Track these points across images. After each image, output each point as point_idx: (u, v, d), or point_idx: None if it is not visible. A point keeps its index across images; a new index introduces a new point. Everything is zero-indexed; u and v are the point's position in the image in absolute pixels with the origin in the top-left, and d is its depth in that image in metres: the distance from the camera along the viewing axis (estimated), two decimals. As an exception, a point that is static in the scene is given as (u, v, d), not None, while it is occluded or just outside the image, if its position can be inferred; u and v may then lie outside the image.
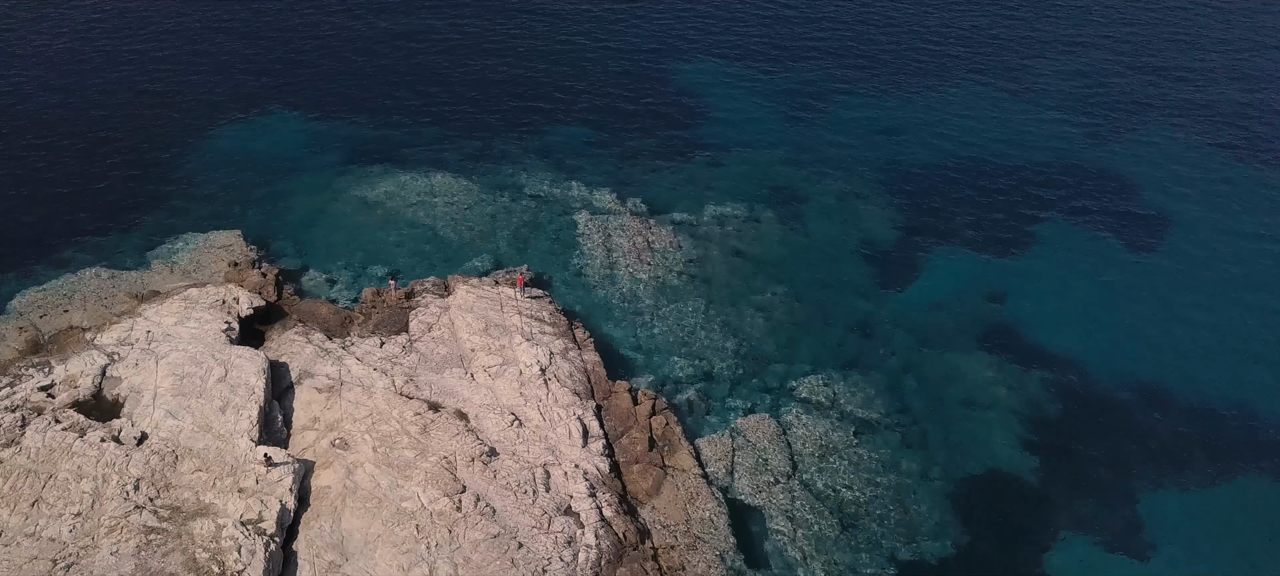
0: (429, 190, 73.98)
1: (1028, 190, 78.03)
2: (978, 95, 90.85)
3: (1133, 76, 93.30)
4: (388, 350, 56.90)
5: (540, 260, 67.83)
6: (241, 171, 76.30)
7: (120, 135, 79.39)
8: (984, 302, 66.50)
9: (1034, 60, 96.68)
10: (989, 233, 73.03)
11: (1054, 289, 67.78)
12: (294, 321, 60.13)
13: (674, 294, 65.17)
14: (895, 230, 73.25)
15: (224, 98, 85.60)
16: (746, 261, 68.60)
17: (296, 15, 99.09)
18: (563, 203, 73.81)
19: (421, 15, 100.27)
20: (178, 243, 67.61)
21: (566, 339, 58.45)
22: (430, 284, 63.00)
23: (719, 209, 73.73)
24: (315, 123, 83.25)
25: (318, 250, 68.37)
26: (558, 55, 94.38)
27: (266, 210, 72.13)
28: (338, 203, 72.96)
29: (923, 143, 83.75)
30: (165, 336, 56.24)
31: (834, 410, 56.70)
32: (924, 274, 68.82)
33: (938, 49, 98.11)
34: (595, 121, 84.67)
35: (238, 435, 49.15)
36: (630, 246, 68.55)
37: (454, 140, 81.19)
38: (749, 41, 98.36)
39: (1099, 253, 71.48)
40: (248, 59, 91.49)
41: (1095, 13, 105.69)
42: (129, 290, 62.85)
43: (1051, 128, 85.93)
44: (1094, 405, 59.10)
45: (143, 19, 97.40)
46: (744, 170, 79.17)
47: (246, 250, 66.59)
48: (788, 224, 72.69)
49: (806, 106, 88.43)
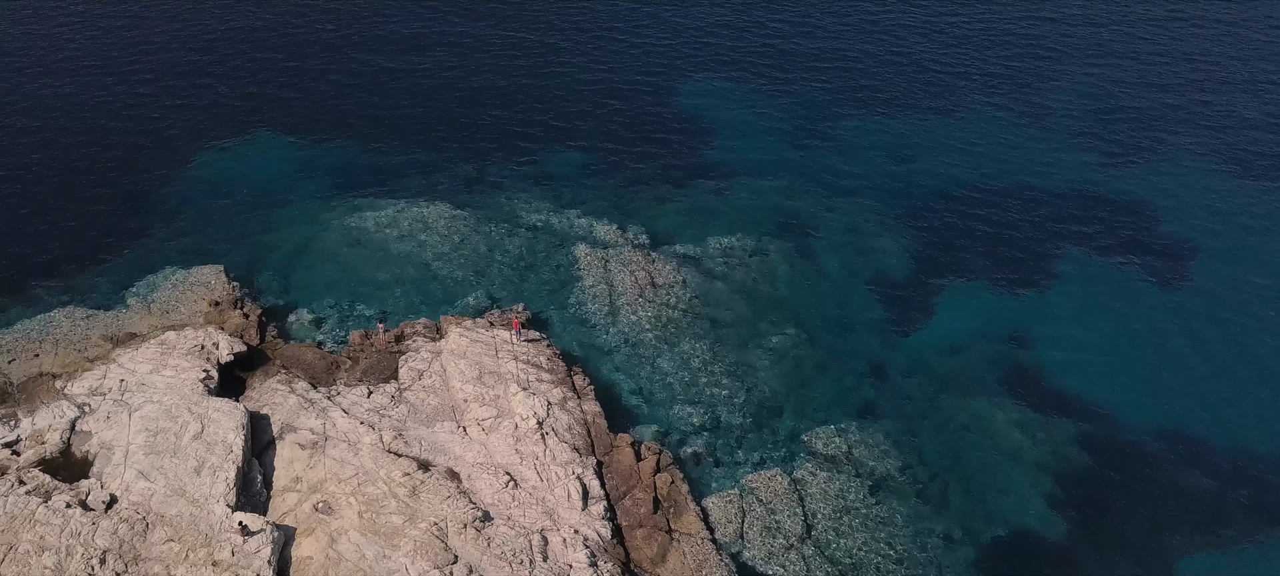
0: (421, 220, 70.71)
1: (1044, 219, 74.89)
2: (989, 118, 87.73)
3: (1149, 98, 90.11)
4: (376, 400, 53.62)
5: (537, 297, 64.64)
6: (226, 200, 73.04)
7: (99, 163, 76.09)
8: (1003, 343, 63.33)
9: (1047, 82, 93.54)
10: (1005, 266, 69.88)
11: (1076, 328, 64.62)
12: (277, 367, 56.86)
13: (678, 334, 61.96)
14: (909, 263, 70.09)
15: (209, 121, 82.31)
16: (754, 298, 65.37)
17: (285, 36, 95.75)
18: (561, 234, 70.61)
19: (416, 37, 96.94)
20: (157, 279, 64.35)
21: (565, 387, 55.19)
22: (421, 326, 59.72)
23: (724, 240, 70.54)
24: (304, 148, 80.00)
25: (304, 286, 65.12)
26: (555, 77, 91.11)
27: (251, 242, 68.87)
28: (325, 234, 69.70)
29: (934, 168, 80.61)
30: (140, 386, 53.00)
31: (849, 464, 53.47)
32: (940, 312, 65.66)
33: (947, 69, 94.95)
34: (594, 146, 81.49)
35: (213, 500, 45.83)
36: (632, 282, 65.33)
37: (448, 166, 77.96)
38: (752, 61, 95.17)
39: (1122, 288, 68.32)
40: (235, 81, 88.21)
41: (1109, 31, 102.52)
42: (104, 332, 59.57)
43: (1067, 152, 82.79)
44: (1124, 456, 55.95)
45: (123, 39, 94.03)
46: (749, 198, 75.99)
47: (228, 288, 63.30)
48: (797, 257, 69.50)
49: (813, 129, 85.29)
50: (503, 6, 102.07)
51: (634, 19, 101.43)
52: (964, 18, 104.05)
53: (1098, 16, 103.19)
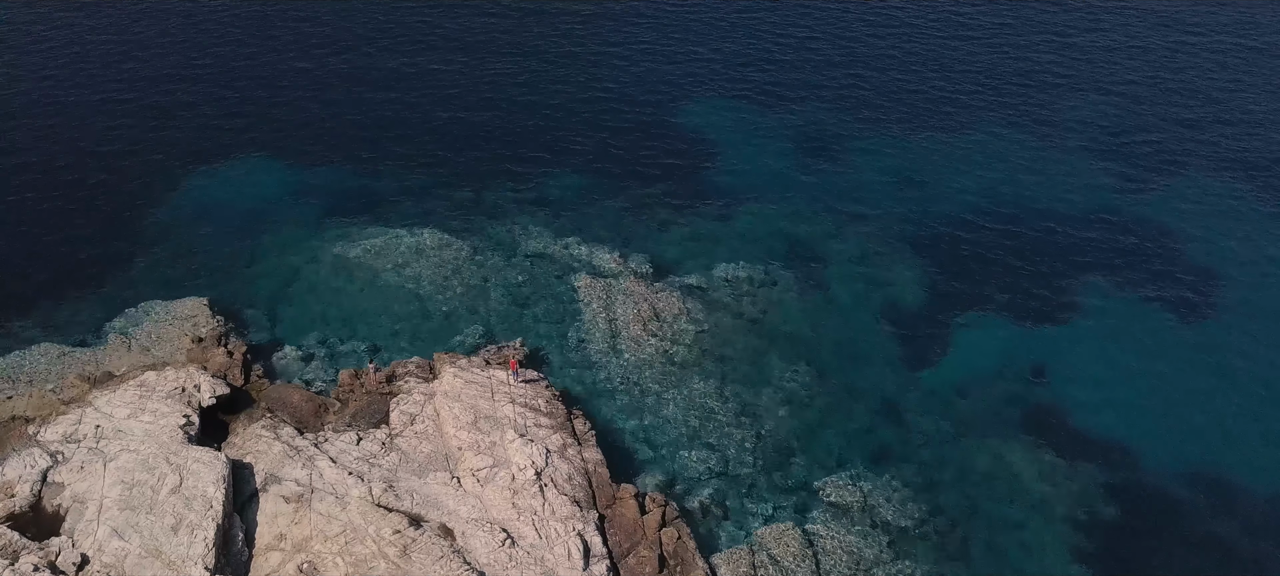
0: (415, 248, 67.95)
1: (1062, 246, 72.14)
2: (1003, 138, 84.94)
3: (1168, 120, 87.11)
4: (366, 447, 50.85)
5: (536, 331, 61.92)
6: (212, 227, 70.27)
7: (82, 188, 73.31)
8: (1023, 381, 60.59)
9: (1062, 102, 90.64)
10: (1023, 297, 67.13)
11: (1099, 364, 61.89)
12: (262, 410, 54.07)
13: (684, 371, 59.22)
14: (922, 293, 67.35)
15: (197, 143, 79.47)
16: (762, 332, 62.64)
17: (276, 54, 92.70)
18: (560, 262, 67.87)
19: (410, 54, 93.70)
20: (138, 312, 61.62)
21: (565, 432, 52.39)
22: (414, 365, 56.94)
23: (730, 269, 67.77)
24: (294, 170, 77.19)
25: (292, 320, 62.40)
26: (554, 97, 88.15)
27: (237, 273, 66.16)
28: (315, 263, 66.94)
29: (947, 192, 77.84)
30: (117, 432, 50.23)
31: (865, 515, 50.73)
32: (956, 346, 62.91)
33: (958, 88, 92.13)
34: (595, 168, 78.70)
35: (191, 561, 43.08)
36: (635, 315, 62.57)
37: (443, 190, 75.15)
38: (756, 78, 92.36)
39: (1145, 320, 65.59)
40: (223, 100, 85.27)
41: (1125, 49, 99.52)
42: (81, 371, 56.86)
43: (1084, 176, 79.94)
44: (1153, 504, 53.22)
45: (108, 56, 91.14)
46: (756, 224, 73.24)
47: (212, 322, 60.54)
48: (806, 287, 66.73)
49: (820, 150, 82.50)
50: (500, 25, 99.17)
51: (634, 36, 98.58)
52: (975, 35, 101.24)
53: (1114, 36, 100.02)
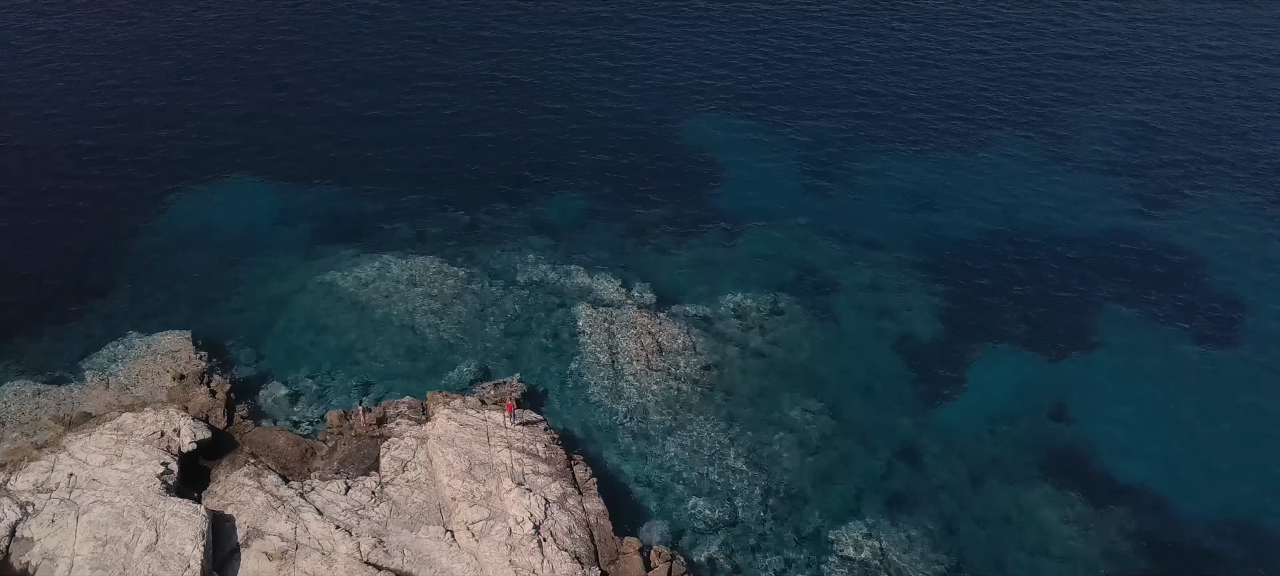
0: (409, 276, 65.23)
1: (1081, 272, 69.35)
2: (1016, 154, 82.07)
3: (1188, 138, 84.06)
4: (354, 497, 48.10)
5: (534, 367, 59.23)
6: (197, 253, 67.64)
7: (62, 212, 70.68)
8: (1044, 419, 57.85)
9: (1077, 112, 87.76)
10: (1042, 327, 64.38)
11: (1123, 402, 59.09)
12: (245, 456, 51.35)
13: (689, 410, 56.51)
14: (937, 324, 64.62)
15: (183, 163, 76.76)
16: (772, 367, 59.89)
17: (265, 69, 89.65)
18: (559, 291, 65.16)
19: (404, 72, 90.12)
20: (117, 347, 59.05)
21: (564, 480, 49.64)
22: (406, 406, 54.18)
23: (737, 298, 65.03)
24: (284, 191, 74.48)
25: (279, 355, 59.72)
26: (554, 114, 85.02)
27: (223, 303, 63.60)
28: (304, 293, 64.24)
29: (959, 212, 75.04)
30: (91, 481, 47.58)
31: (882, 570, 47.96)
32: (973, 381, 60.18)
33: (970, 104, 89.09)
34: (595, 189, 75.90)
35: (165, 629, 40.33)
36: (637, 348, 59.84)
37: (438, 212, 72.41)
38: (762, 94, 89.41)
39: (1169, 353, 62.79)
40: (208, 118, 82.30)
41: (1142, 57, 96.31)
42: (56, 411, 54.21)
43: (1103, 198, 77.01)
44: (1184, 554, 50.54)
45: (90, 72, 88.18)
46: (762, 248, 70.47)
47: (195, 358, 57.85)
48: (816, 317, 63.99)
49: (827, 167, 79.69)
50: (495, 39, 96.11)
51: (636, 50, 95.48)
52: (986, 51, 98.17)
53: (1130, 54, 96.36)
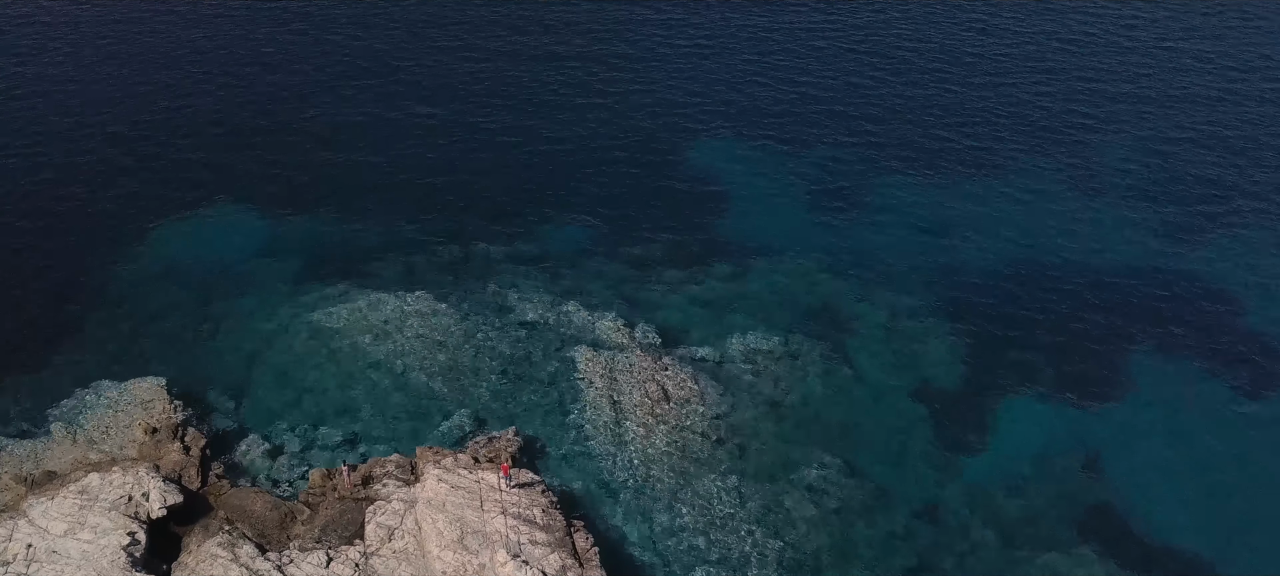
0: (399, 316, 61.61)
1: (1108, 310, 65.76)
2: (1034, 181, 78.43)
3: (1215, 165, 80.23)
4: (336, 570, 44.49)
5: (531, 417, 55.70)
6: (176, 289, 64.18)
7: (34, 244, 67.16)
8: (1076, 475, 54.32)
9: (1097, 135, 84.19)
10: (1069, 372, 60.78)
11: (1159, 454, 55.58)
12: (220, 522, 47.68)
13: (698, 466, 52.91)
14: (958, 367, 61.08)
15: (164, 189, 73.14)
16: (784, 417, 56.33)
17: (252, 91, 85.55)
18: (558, 331, 61.58)
19: (394, 95, 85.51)
20: (87, 396, 55.48)
21: (564, 550, 45.96)
22: (393, 465, 50.50)
23: (747, 340, 61.45)
24: (268, 222, 70.89)
25: (260, 404, 56.18)
26: (552, 140, 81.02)
27: (202, 345, 60.09)
28: (288, 334, 60.66)
29: (978, 244, 71.49)
30: (50, 553, 44.10)
31: (908, 649, 44.41)
32: (999, 432, 56.64)
33: (987, 125, 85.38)
34: (595, 219, 72.28)
35: None
36: (642, 397, 56.26)
37: (431, 245, 68.78)
38: (769, 116, 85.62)
39: (1207, 398, 59.25)
40: (191, 144, 78.31)
41: (1167, 80, 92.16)
42: (17, 470, 50.65)
43: (1129, 226, 73.33)
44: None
45: (67, 90, 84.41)
46: (772, 283, 66.93)
47: (170, 409, 54.16)
48: (830, 361, 60.36)
49: (840, 197, 76.06)
50: (490, 59, 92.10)
51: (638, 71, 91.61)
52: (1004, 74, 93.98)
53: (1154, 78, 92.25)
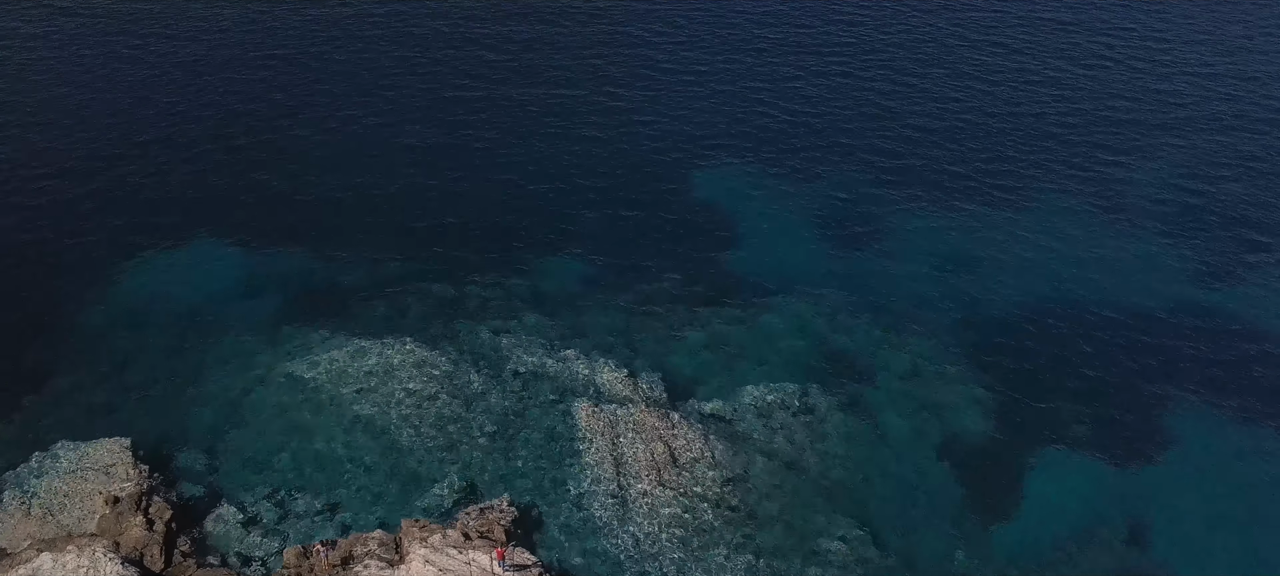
0: (385, 367, 57.45)
1: (1144, 355, 61.61)
2: (1060, 211, 74.16)
3: (1248, 197, 75.88)
4: (310, 668, 40.17)
5: (526, 482, 51.65)
6: (148, 333, 60.38)
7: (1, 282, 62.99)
8: (1119, 544, 50.25)
9: (1125, 161, 79.80)
10: (1105, 425, 56.70)
11: (1205, 519, 51.59)
12: (184, 608, 43.41)
13: (708, 538, 48.77)
14: (986, 420, 56.95)
15: (141, 222, 69.17)
16: (802, 480, 52.14)
17: (234, 121, 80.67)
18: (556, 382, 57.46)
19: (383, 123, 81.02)
20: (46, 459, 51.71)
21: (563, 643, 41.75)
22: (375, 543, 46.24)
23: (759, 392, 57.29)
24: (248, 258, 66.90)
25: (232, 467, 52.16)
26: (549, 170, 76.53)
27: (172, 398, 56.18)
28: (265, 386, 56.63)
29: (1003, 282, 67.28)
30: (-6, 651, 39.58)
31: None
32: (1032, 495, 52.52)
33: (1009, 152, 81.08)
34: (595, 254, 68.08)
35: None
36: (647, 458, 52.08)
37: (419, 284, 64.56)
38: (779, 141, 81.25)
39: (1255, 454, 55.27)
40: (169, 174, 74.11)
41: (1197, 108, 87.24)
42: (-35, 547, 46.26)
43: (1160, 260, 69.24)
44: None
45: (42, 116, 79.99)
46: (785, 326, 62.77)
47: (135, 474, 50.11)
48: (849, 415, 56.18)
49: (856, 229, 71.82)
50: (484, 82, 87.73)
51: (640, 96, 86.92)
52: (1025, 100, 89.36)
53: (1183, 103, 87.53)
